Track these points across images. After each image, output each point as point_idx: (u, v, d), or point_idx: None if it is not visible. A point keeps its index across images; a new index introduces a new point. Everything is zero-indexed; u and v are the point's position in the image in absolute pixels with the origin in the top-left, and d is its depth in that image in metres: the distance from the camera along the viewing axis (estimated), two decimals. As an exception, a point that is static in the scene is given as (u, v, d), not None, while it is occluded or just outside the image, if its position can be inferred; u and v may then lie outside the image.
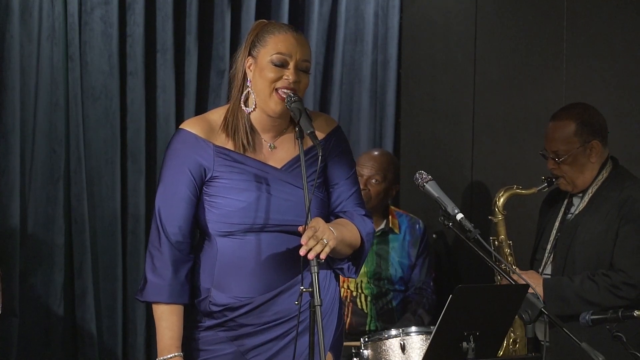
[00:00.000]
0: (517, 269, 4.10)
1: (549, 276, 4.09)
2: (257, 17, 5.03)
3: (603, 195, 4.06)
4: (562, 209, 4.19)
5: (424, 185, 3.27)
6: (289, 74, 3.12)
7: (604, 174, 4.11)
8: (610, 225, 3.98)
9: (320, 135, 3.23)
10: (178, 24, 4.88)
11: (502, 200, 4.30)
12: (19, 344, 4.40)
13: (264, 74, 3.14)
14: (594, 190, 4.09)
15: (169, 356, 3.15)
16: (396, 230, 4.82)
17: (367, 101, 5.52)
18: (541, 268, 4.14)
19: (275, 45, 3.15)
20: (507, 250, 4.24)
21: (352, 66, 5.50)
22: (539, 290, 3.95)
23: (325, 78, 5.40)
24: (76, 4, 4.57)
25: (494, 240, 4.26)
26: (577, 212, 4.10)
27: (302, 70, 3.15)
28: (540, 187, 4.20)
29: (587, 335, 3.15)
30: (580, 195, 4.13)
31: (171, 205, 3.17)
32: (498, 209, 4.29)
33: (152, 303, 3.18)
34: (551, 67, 4.79)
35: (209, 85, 5.00)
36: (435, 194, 3.25)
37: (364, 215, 3.30)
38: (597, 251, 3.99)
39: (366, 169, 4.73)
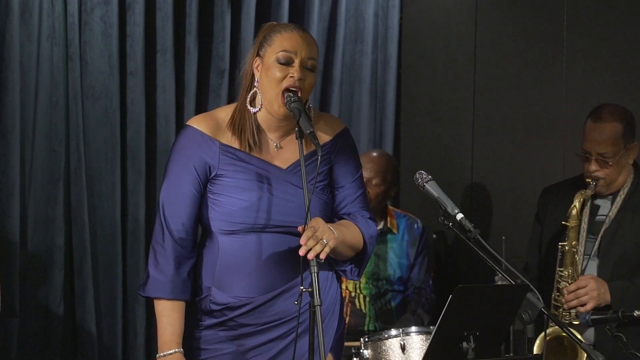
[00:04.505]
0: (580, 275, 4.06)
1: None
2: (257, 17, 5.03)
3: (637, 197, 4.05)
4: (587, 211, 4.13)
5: (424, 185, 3.27)
6: (293, 72, 3.12)
7: (631, 175, 4.10)
8: None
9: (327, 137, 3.24)
10: (178, 24, 4.87)
11: (579, 205, 4.07)
12: (19, 344, 4.40)
13: (270, 72, 3.14)
14: (625, 192, 4.08)
15: (169, 352, 3.15)
16: (394, 231, 4.81)
17: (367, 101, 5.51)
18: (579, 271, 4.10)
19: (281, 43, 3.15)
20: (576, 257, 4.07)
21: (352, 66, 5.50)
22: (608, 295, 3.97)
23: (325, 78, 5.40)
24: (76, 4, 4.56)
25: (563, 245, 4.06)
26: (612, 215, 4.08)
27: (307, 68, 3.15)
28: (592, 189, 4.08)
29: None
30: (609, 197, 4.11)
31: (175, 202, 3.18)
32: (577, 214, 4.06)
33: (153, 298, 3.19)
34: (551, 67, 4.80)
35: (209, 85, 5.00)
36: (435, 194, 3.25)
37: (368, 218, 3.30)
38: None
39: (365, 171, 4.70)
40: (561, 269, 4.06)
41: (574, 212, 4.06)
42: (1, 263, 4.34)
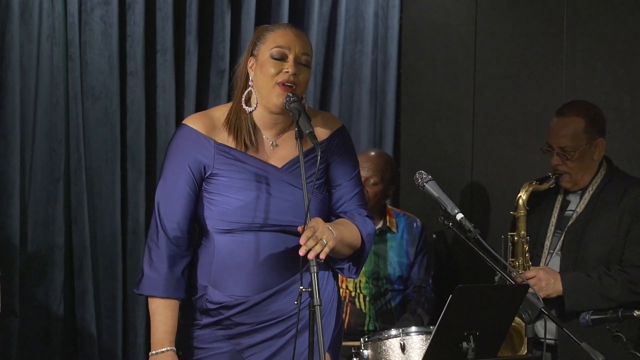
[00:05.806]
0: (531, 265, 4.10)
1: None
2: (257, 17, 5.03)
3: (605, 194, 4.07)
4: (558, 206, 4.18)
5: (424, 185, 3.28)
6: (288, 67, 3.13)
7: (602, 172, 4.13)
8: (621, 224, 3.99)
9: (323, 135, 3.24)
10: (178, 24, 4.87)
11: (526, 196, 4.16)
12: (19, 344, 4.40)
13: (264, 69, 3.15)
14: (594, 188, 4.10)
15: (161, 350, 3.16)
16: (394, 230, 4.82)
17: (367, 101, 5.52)
18: (542, 265, 4.13)
19: (274, 39, 3.17)
20: (525, 247, 4.14)
21: (352, 66, 5.50)
22: (559, 285, 3.97)
23: (325, 78, 5.40)
24: (76, 4, 4.56)
25: (512, 235, 4.15)
26: (579, 210, 4.10)
27: (301, 63, 3.16)
28: (550, 183, 4.16)
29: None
30: (580, 192, 4.13)
31: (170, 200, 3.18)
32: (523, 204, 4.16)
33: (147, 296, 3.20)
34: (551, 67, 4.80)
35: (209, 85, 5.00)
36: (435, 194, 3.25)
37: (365, 216, 3.30)
38: (608, 250, 4.00)
39: (363, 171, 4.71)
40: (512, 259, 4.11)
41: (520, 202, 4.14)
42: (1, 263, 4.34)
